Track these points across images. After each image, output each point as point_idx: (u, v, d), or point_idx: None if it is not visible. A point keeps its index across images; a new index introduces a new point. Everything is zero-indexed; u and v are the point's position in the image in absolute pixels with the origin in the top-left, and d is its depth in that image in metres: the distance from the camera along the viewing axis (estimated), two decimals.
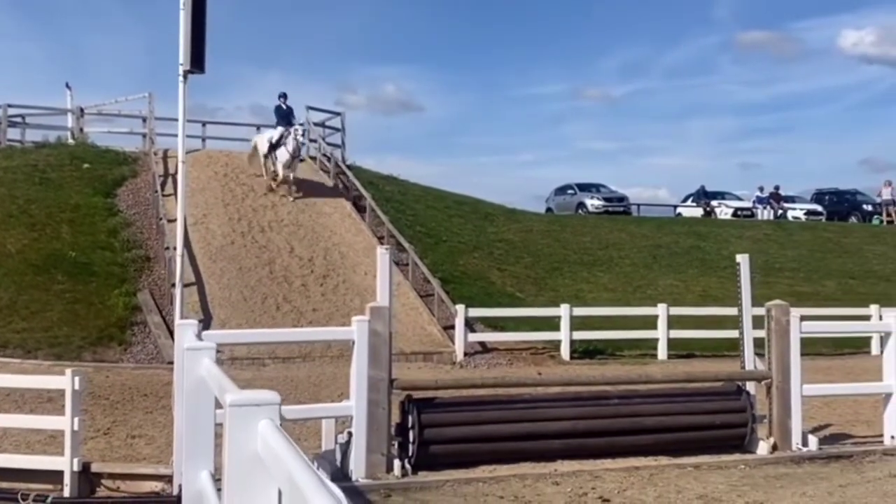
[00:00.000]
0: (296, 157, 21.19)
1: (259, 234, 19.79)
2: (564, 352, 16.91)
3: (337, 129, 26.70)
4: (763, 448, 8.19)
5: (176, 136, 14.61)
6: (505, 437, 7.76)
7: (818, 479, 7.41)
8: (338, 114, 27.33)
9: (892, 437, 8.67)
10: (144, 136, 24.66)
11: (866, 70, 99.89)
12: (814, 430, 8.90)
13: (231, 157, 24.41)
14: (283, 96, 22.30)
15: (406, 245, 19.27)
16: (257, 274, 17.99)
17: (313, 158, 25.23)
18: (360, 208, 21.90)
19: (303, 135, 21.79)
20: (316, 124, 26.20)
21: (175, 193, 16.85)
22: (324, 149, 25.08)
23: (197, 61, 13.00)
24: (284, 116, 21.96)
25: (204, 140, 26.15)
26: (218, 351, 5.40)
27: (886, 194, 37.09)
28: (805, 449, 8.26)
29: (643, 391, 8.69)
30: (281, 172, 21.13)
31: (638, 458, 7.88)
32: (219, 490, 3.81)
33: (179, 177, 14.32)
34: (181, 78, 13.19)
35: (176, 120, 14.33)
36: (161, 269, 17.46)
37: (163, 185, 20.94)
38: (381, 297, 7.71)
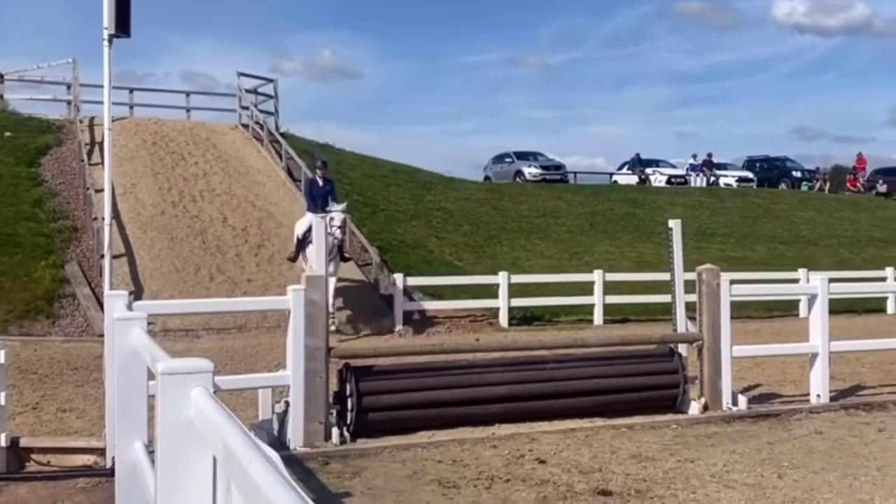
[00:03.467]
0: (332, 258, 14.13)
1: (190, 204, 19.39)
2: (503, 319, 17.04)
3: (270, 97, 26.23)
4: (694, 408, 8.38)
5: (102, 103, 14.16)
6: (443, 403, 7.79)
7: (748, 437, 7.62)
8: (270, 80, 26.84)
9: (818, 396, 8.96)
10: (69, 103, 23.85)
11: (798, 40, 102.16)
12: (743, 390, 9.15)
13: (160, 124, 23.81)
14: (323, 165, 15.68)
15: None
16: (189, 244, 17.65)
17: (245, 126, 24.77)
18: (294, 177, 21.61)
19: (342, 226, 14.78)
20: (248, 91, 25.69)
21: (102, 162, 16.34)
22: (256, 116, 24.62)
23: (122, 25, 12.58)
24: (322, 196, 15.05)
25: (132, 107, 25.44)
26: (150, 322, 5.29)
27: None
28: (735, 408, 8.48)
29: (579, 355, 8.80)
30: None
31: (574, 420, 8.00)
32: (153, 461, 3.73)
33: (106, 145, 13.89)
34: (105, 42, 12.76)
35: (101, 86, 13.89)
36: (89, 240, 17.00)
37: (89, 153, 20.34)
38: (318, 266, 7.63)
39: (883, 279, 20.80)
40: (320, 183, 15.20)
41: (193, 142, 22.87)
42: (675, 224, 9.04)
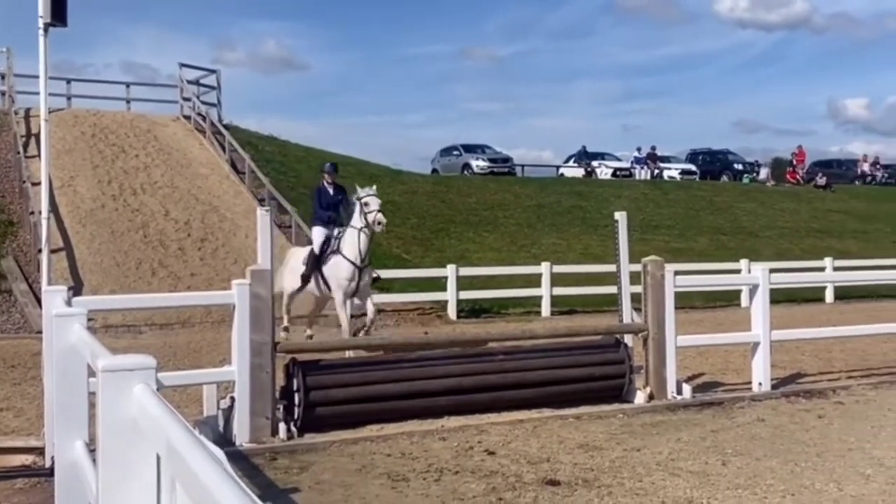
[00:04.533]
0: (366, 264, 10.90)
1: (131, 197, 19.02)
2: (451, 311, 17.06)
3: (212, 88, 25.84)
4: (640, 397, 8.47)
5: (38, 94, 13.76)
6: (392, 397, 7.75)
7: (692, 425, 7.73)
8: (213, 71, 26.47)
9: (760, 384, 9.13)
10: (3, 94, 23.23)
11: (741, 34, 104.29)
12: (688, 379, 9.29)
13: (100, 116, 23.28)
14: (332, 169, 12.15)
15: (288, 207, 18.94)
16: (130, 238, 17.32)
17: (187, 118, 24.36)
18: (238, 170, 21.32)
19: (381, 209, 10.76)
20: (190, 82, 25.27)
21: (39, 155, 15.93)
22: (198, 108, 24.22)
23: (58, 13, 12.24)
24: (333, 206, 11.65)
25: (69, 98, 24.85)
26: (90, 318, 5.15)
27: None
28: (679, 397, 8.60)
29: (527, 347, 8.82)
30: (344, 321, 10.89)
31: (522, 412, 8.02)
32: (94, 460, 3.63)
33: (43, 137, 13.52)
34: (41, 31, 12.40)
35: (37, 77, 13.50)
36: (26, 235, 16.57)
37: (25, 146, 19.82)
38: (263, 260, 7.51)
39: (821, 269, 21.33)
40: (330, 191, 11.77)
41: (134, 134, 22.44)
42: (620, 216, 9.12)
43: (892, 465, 6.36)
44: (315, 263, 11.22)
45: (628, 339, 8.87)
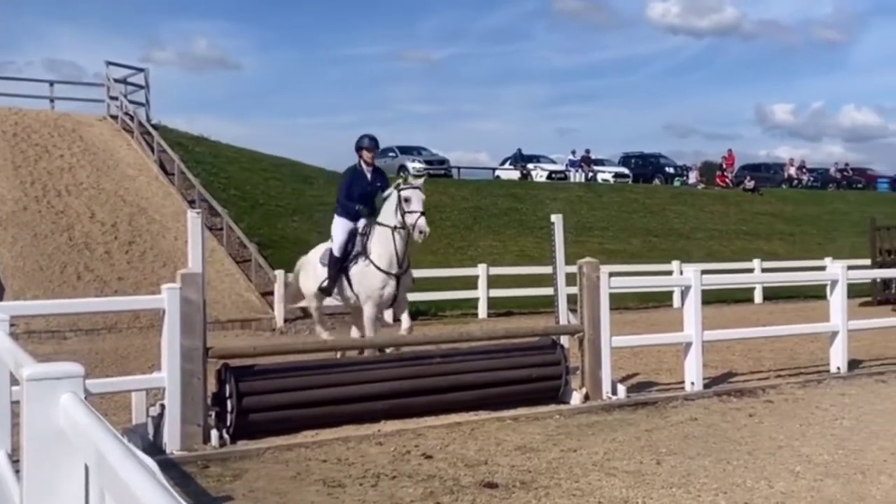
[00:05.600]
0: (405, 270, 9.18)
1: (56, 199, 18.45)
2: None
3: (140, 87, 25.27)
4: (576, 398, 8.53)
5: None
6: (328, 402, 7.64)
7: (627, 425, 7.81)
8: (141, 70, 25.88)
9: (692, 384, 9.28)
10: None
11: (672, 40, 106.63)
12: (622, 380, 9.39)
13: (22, 115, 22.55)
14: (372, 144, 9.56)
15: (219, 209, 18.62)
16: (55, 241, 16.79)
17: (114, 117, 23.76)
18: (167, 171, 20.86)
19: (420, 234, 8.89)
20: (117, 81, 24.67)
21: None
22: (126, 107, 23.65)
23: None
24: (368, 195, 9.49)
25: None
26: (12, 324, 4.95)
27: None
28: (615, 397, 8.68)
29: (464, 349, 8.80)
30: (369, 328, 9.20)
31: (460, 414, 8.00)
32: (17, 471, 3.47)
33: None
34: None
35: None
36: None
37: None
38: (193, 263, 7.33)
39: (750, 270, 21.87)
40: (367, 174, 9.41)
41: (58, 133, 21.79)
42: (556, 218, 9.17)
43: (820, 462, 6.51)
44: (338, 267, 9.26)
45: (565, 340, 8.91)
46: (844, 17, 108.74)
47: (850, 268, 11.59)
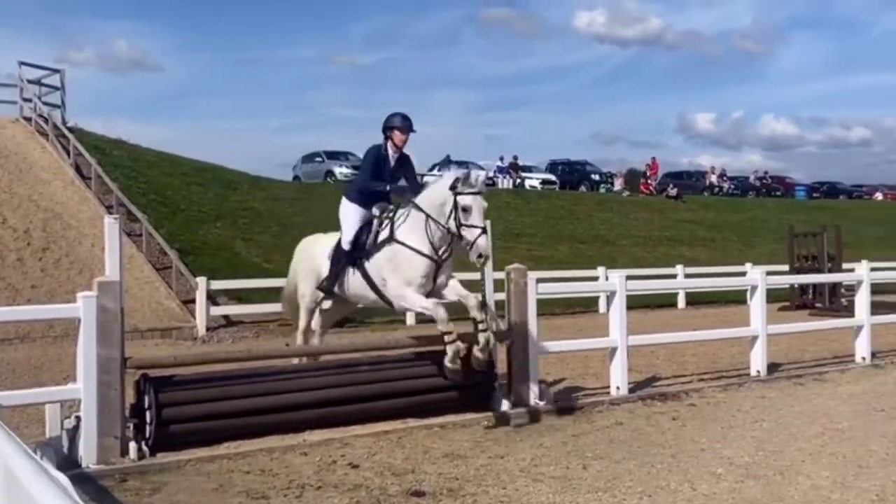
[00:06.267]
0: (441, 273, 7.90)
1: None
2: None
3: (56, 88, 24.52)
4: (504, 404, 8.51)
5: None
6: (252, 412, 7.46)
7: (554, 430, 7.84)
8: (56, 71, 25.12)
9: (618, 388, 9.37)
10: None
11: (598, 49, 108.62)
12: (550, 385, 9.42)
13: None
14: (405, 124, 8.16)
15: (138, 214, 18.15)
16: None
17: (28, 119, 22.98)
18: (84, 175, 20.25)
19: (480, 258, 7.57)
20: (31, 82, 23.89)
21: None
22: (40, 109, 22.89)
23: None
24: (390, 179, 8.25)
25: None
26: None
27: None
28: (542, 403, 8.70)
29: (392, 357, 8.72)
30: (436, 309, 7.70)
31: (387, 423, 7.90)
32: None
33: None
34: None
35: None
36: None
37: None
38: (111, 271, 7.08)
39: (674, 276, 22.32)
40: (391, 158, 8.12)
41: None
42: (486, 224, 9.13)
43: (741, 464, 6.63)
44: (344, 262, 8.15)
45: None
46: (763, 30, 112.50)
47: (769, 273, 11.91)
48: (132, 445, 6.81)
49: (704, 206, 37.58)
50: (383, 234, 7.85)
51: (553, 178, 40.62)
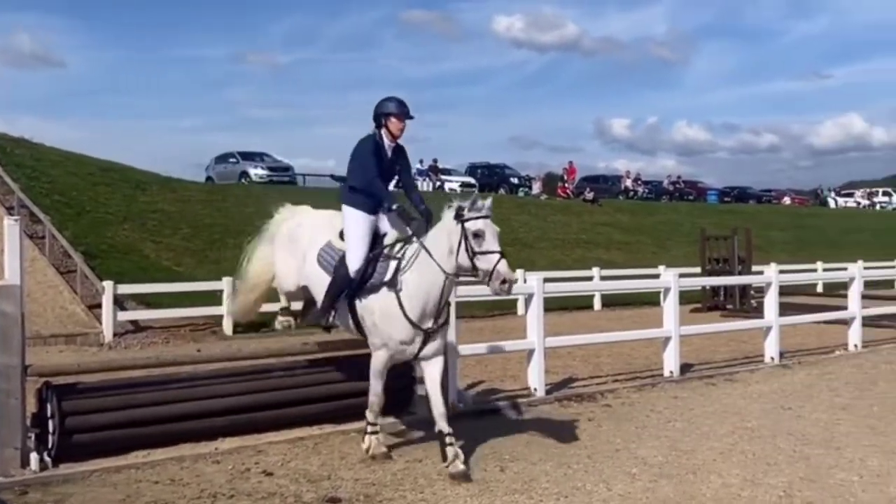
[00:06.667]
0: (431, 340, 6.75)
1: None
2: (227, 327, 16.40)
3: None
4: (423, 408, 8.45)
5: None
6: (162, 420, 7.23)
7: (472, 432, 7.80)
8: None
9: (535, 390, 9.42)
10: None
11: (516, 53, 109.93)
12: (469, 387, 9.41)
13: None
14: (400, 110, 7.01)
15: (41, 216, 17.49)
16: None
17: None
18: None
19: (504, 284, 6.17)
20: None
21: None
22: None
23: None
24: (387, 174, 7.10)
25: None
26: None
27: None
28: (461, 405, 8.67)
29: (307, 361, 8.57)
30: (376, 382, 7.04)
31: (303, 429, 7.78)
32: None
33: None
34: None
35: None
36: None
37: None
38: (11, 274, 6.77)
39: (590, 278, 22.65)
40: (387, 149, 7.00)
41: None
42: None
43: (655, 464, 6.72)
44: (343, 293, 6.86)
45: None
46: (677, 38, 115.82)
47: (681, 276, 12.16)
48: (33, 456, 6.52)
49: (620, 209, 38.29)
50: (387, 274, 6.60)
51: (473, 181, 40.80)
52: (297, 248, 7.33)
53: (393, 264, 6.63)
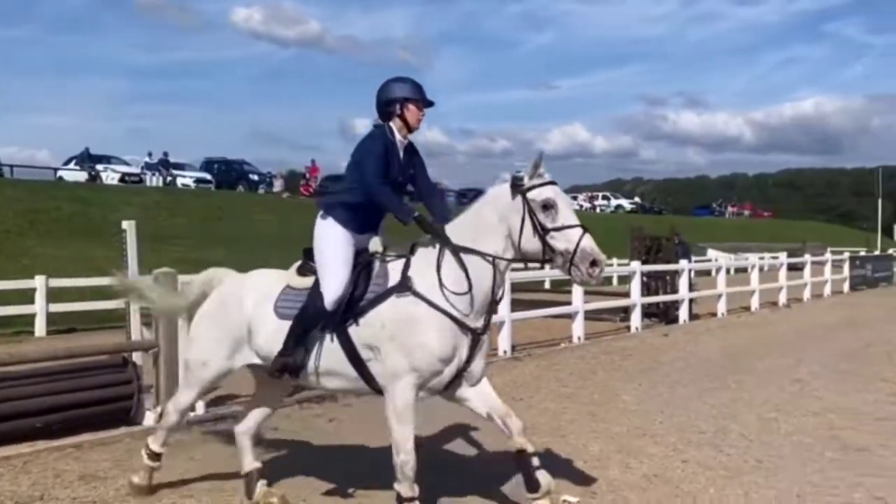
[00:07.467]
0: (478, 350, 5.07)
1: None
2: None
3: None
4: (150, 418, 7.99)
5: None
6: None
7: (207, 442, 7.46)
8: None
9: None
10: None
11: (256, 46, 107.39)
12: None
13: None
14: (420, 96, 5.29)
15: None
16: None
17: None
18: None
19: (594, 267, 4.74)
20: None
21: None
22: None
23: None
24: (395, 187, 5.29)
25: None
26: None
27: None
28: (192, 414, 8.21)
29: (19, 372, 7.76)
30: (400, 429, 5.18)
31: (10, 447, 7.02)
32: None
33: None
34: None
35: None
36: None
37: None
38: None
39: None
40: (399, 149, 5.31)
41: None
42: (129, 225, 8.49)
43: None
44: (322, 324, 5.13)
45: (138, 357, 8.29)
46: (418, 42, 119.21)
47: None
48: None
49: None
50: (391, 280, 5.06)
51: (209, 176, 39.42)
52: (234, 328, 5.48)
53: (398, 265, 5.10)
